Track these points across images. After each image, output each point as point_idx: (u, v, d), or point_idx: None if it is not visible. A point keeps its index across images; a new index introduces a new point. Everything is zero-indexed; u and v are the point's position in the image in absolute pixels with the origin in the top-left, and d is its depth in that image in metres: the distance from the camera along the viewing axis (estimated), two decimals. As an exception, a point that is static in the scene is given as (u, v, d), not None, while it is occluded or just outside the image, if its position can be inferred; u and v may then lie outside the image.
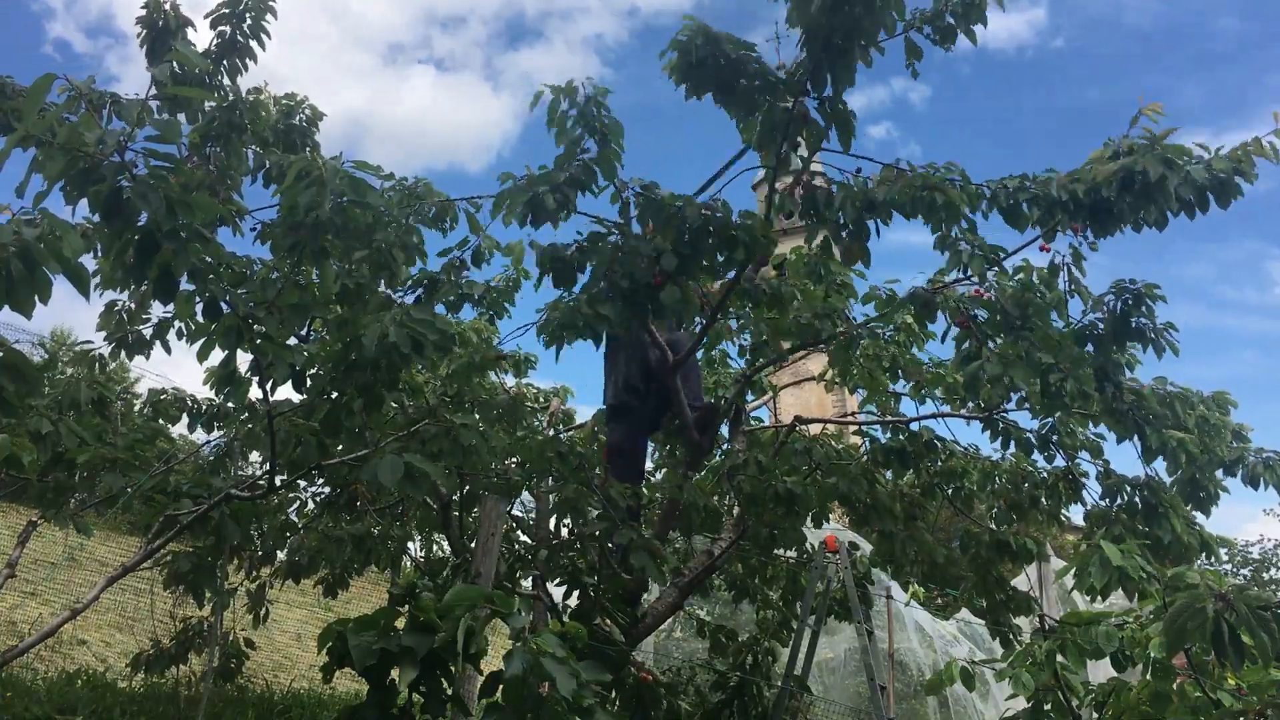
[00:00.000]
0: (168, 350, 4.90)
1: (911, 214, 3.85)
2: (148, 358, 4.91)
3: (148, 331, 4.90)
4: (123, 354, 4.91)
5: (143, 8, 4.72)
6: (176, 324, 4.74)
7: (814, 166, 4.13)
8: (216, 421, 5.20)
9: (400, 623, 2.28)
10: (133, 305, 4.84)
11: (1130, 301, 4.33)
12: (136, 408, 5.18)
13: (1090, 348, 4.35)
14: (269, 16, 4.79)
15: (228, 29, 4.75)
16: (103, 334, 4.86)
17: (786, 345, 5.29)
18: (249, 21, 4.75)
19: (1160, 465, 4.53)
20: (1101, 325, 4.36)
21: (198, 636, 5.69)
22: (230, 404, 4.99)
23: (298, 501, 5.89)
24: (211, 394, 5.08)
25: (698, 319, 5.03)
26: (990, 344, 4.15)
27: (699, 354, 6.59)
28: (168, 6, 4.71)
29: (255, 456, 5.36)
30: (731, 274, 4.35)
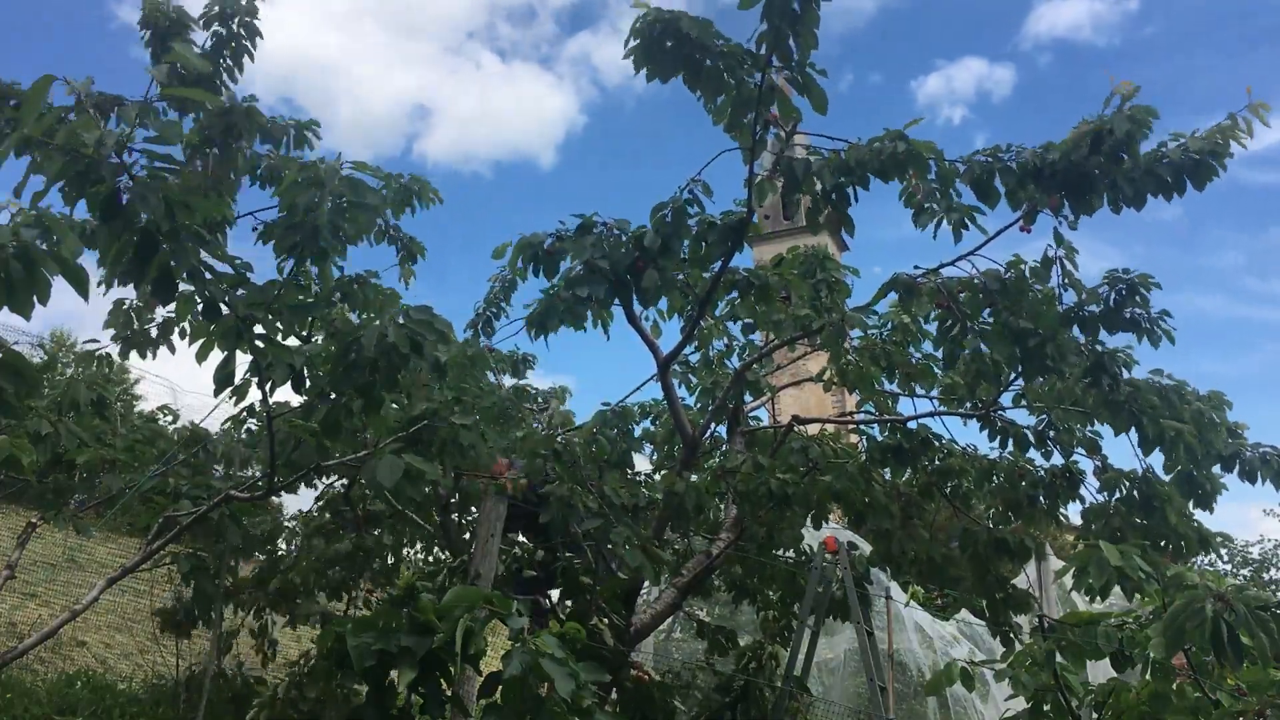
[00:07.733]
0: (172, 350, 4.89)
1: (883, 174, 3.87)
2: (154, 357, 4.89)
3: (154, 330, 4.89)
4: (128, 352, 4.88)
5: (144, 8, 4.71)
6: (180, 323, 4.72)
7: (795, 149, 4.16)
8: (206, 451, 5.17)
9: (399, 624, 2.28)
10: (140, 303, 4.82)
11: (1124, 291, 4.31)
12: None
13: (1076, 331, 4.34)
14: (256, 18, 4.78)
15: (220, 28, 4.74)
16: (110, 331, 4.83)
17: (774, 337, 5.31)
18: (237, 23, 4.75)
19: (1157, 461, 4.54)
20: (1094, 311, 4.37)
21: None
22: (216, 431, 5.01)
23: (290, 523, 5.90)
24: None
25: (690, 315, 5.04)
26: (971, 324, 4.18)
27: (696, 354, 6.59)
28: (170, 8, 4.70)
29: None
30: (717, 266, 4.36)
